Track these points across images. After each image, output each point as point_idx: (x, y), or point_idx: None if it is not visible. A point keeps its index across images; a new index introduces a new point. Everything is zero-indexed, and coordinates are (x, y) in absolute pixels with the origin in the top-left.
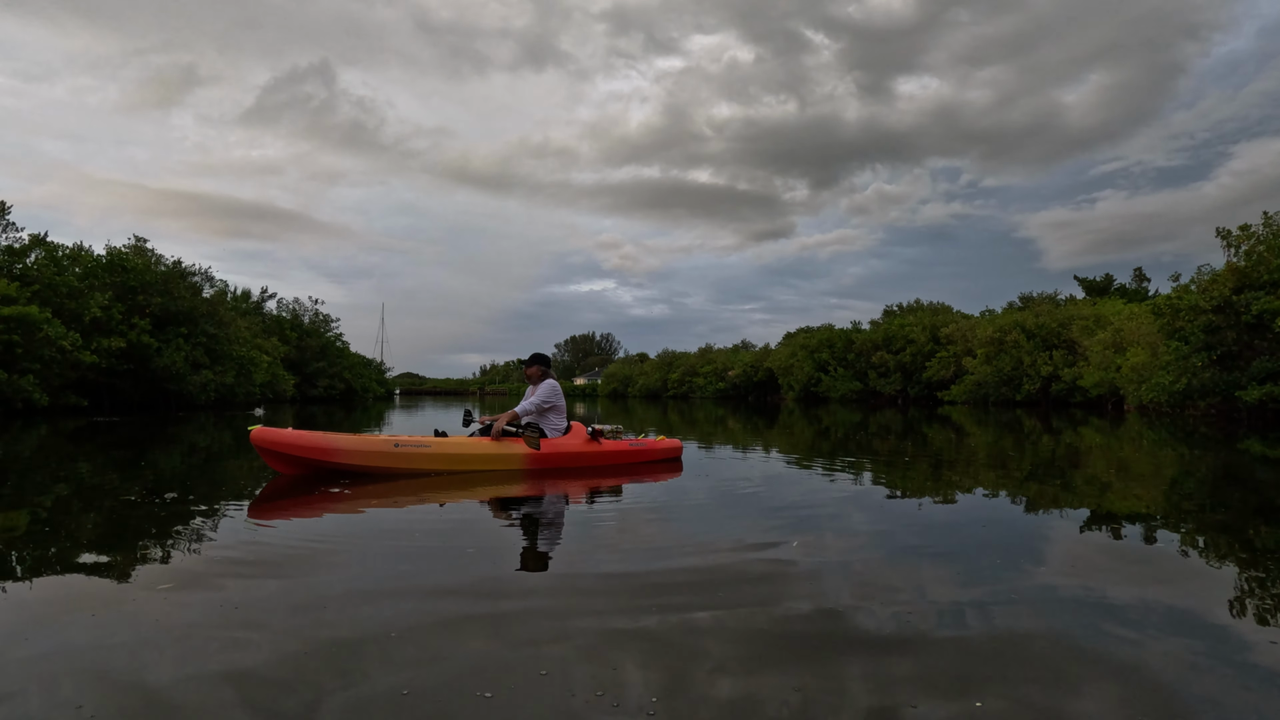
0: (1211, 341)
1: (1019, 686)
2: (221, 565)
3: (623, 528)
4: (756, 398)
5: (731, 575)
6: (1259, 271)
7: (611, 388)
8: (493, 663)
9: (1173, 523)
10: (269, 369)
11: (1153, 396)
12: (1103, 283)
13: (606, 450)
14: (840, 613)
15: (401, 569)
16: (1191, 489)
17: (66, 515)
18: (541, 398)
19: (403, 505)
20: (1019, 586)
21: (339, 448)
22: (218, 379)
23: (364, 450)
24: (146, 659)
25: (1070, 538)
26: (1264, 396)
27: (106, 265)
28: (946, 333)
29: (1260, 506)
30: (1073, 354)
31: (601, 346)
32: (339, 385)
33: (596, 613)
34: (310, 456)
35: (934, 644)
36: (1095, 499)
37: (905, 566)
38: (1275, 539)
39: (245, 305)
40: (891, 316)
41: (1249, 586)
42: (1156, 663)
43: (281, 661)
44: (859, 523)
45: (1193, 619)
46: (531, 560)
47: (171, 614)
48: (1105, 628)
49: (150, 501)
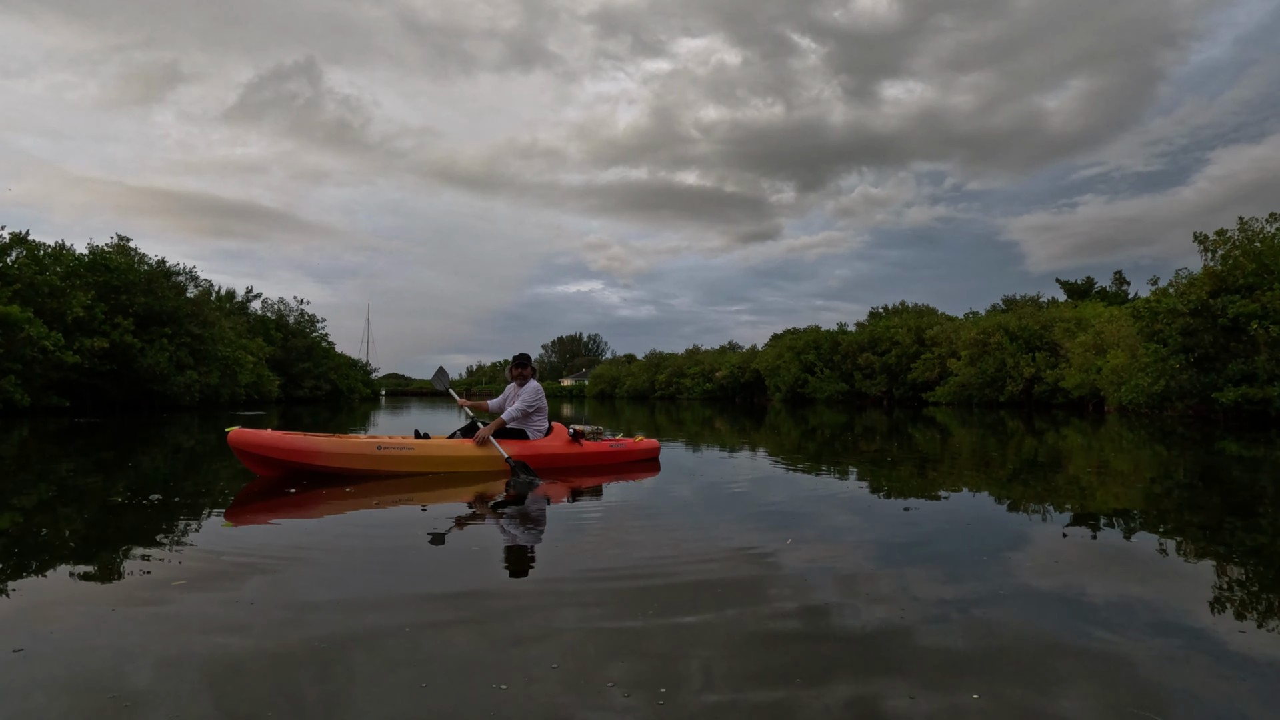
0: (1189, 344)
1: (1003, 684)
2: (201, 569)
3: (608, 529)
4: (743, 399)
5: (718, 576)
6: (1235, 276)
7: (599, 389)
8: (477, 666)
9: (1151, 522)
10: (254, 370)
11: (1132, 398)
12: (1084, 286)
13: (588, 451)
14: (826, 611)
15: (383, 573)
16: (1169, 489)
17: (46, 517)
18: (525, 402)
19: (384, 507)
20: (1003, 585)
21: (321, 450)
22: (202, 380)
23: (346, 452)
24: (124, 664)
25: (1052, 537)
26: (1239, 398)
27: (89, 264)
28: (931, 335)
29: (1236, 506)
30: (1055, 356)
31: (589, 347)
32: (324, 386)
33: (582, 615)
34: (291, 459)
35: (919, 643)
36: (1077, 499)
37: (890, 566)
38: (1250, 538)
39: (230, 305)
40: (877, 318)
41: (1225, 584)
42: (1136, 659)
43: (262, 666)
44: (844, 523)
45: (1171, 616)
46: (516, 563)
47: (150, 619)
48: (1086, 625)
49: (133, 504)
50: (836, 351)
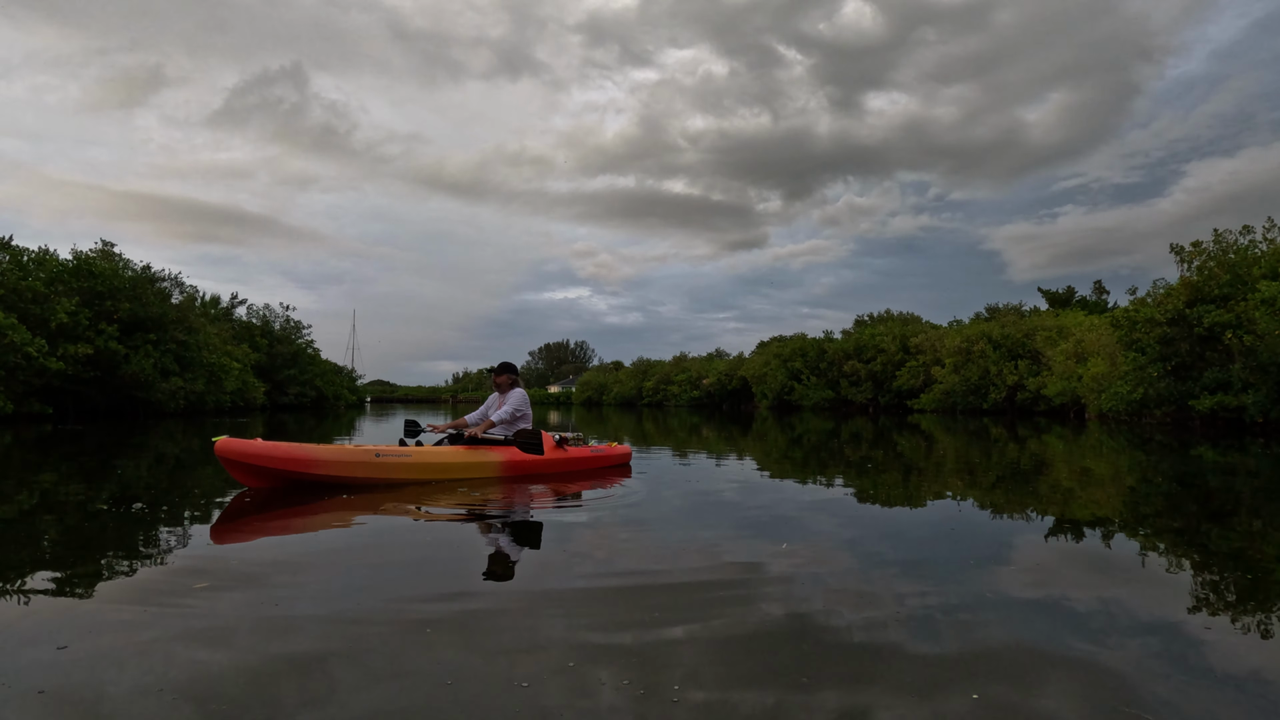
0: (1166, 353)
1: (986, 687)
2: (184, 579)
3: (596, 537)
4: (731, 406)
5: (704, 582)
6: (1210, 286)
7: (586, 396)
8: (466, 675)
9: (1130, 527)
10: (239, 376)
11: (1111, 405)
12: (1065, 294)
13: (572, 456)
14: (812, 621)
15: (368, 583)
16: (1148, 495)
17: (25, 526)
18: (513, 406)
19: (377, 515)
20: (986, 590)
21: (318, 458)
22: (188, 386)
23: (345, 461)
24: (104, 675)
25: (1034, 542)
26: (1215, 406)
27: (73, 270)
28: (916, 342)
29: (1212, 512)
30: (1037, 364)
31: (576, 354)
32: (310, 393)
33: (570, 623)
34: (286, 469)
35: (906, 648)
36: (1058, 505)
37: (875, 571)
38: (1226, 543)
39: (215, 311)
40: (863, 326)
41: (1202, 588)
42: (1116, 661)
43: (244, 679)
44: (831, 529)
45: (1150, 619)
46: (505, 571)
47: (130, 629)
48: (1068, 628)
49: (115, 512)
50: (823, 359)
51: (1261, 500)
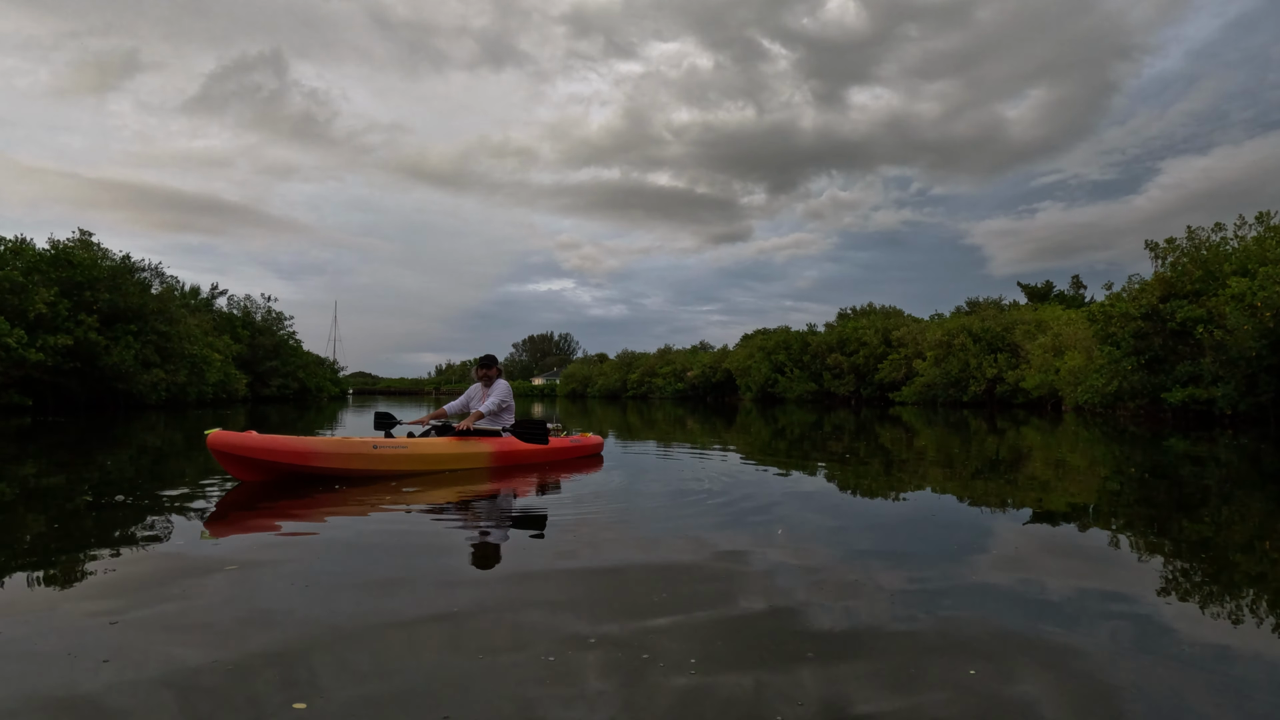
0: (1140, 347)
1: (964, 670)
2: (165, 572)
3: (582, 528)
4: (715, 398)
5: (688, 574)
6: (1183, 282)
7: (570, 388)
8: (449, 667)
9: (1104, 517)
10: (221, 368)
11: (1087, 398)
12: (1043, 289)
13: (555, 447)
14: (793, 608)
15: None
16: (1122, 485)
17: (7, 518)
18: (499, 398)
19: (366, 507)
20: (964, 577)
21: (317, 451)
22: (169, 378)
23: (341, 453)
24: (82, 667)
25: (1012, 532)
26: (1186, 398)
27: (51, 260)
28: (898, 336)
29: (1182, 501)
30: (1016, 357)
31: (560, 346)
32: (292, 385)
33: (555, 615)
34: (283, 461)
35: (884, 636)
36: (1035, 495)
37: (856, 562)
38: (1195, 531)
39: (195, 302)
40: (845, 319)
41: (1172, 574)
42: (1090, 648)
43: (224, 672)
44: (812, 520)
45: (1122, 604)
46: (490, 563)
47: (110, 621)
48: (1043, 614)
49: (98, 504)
50: (806, 352)
51: (1229, 490)
